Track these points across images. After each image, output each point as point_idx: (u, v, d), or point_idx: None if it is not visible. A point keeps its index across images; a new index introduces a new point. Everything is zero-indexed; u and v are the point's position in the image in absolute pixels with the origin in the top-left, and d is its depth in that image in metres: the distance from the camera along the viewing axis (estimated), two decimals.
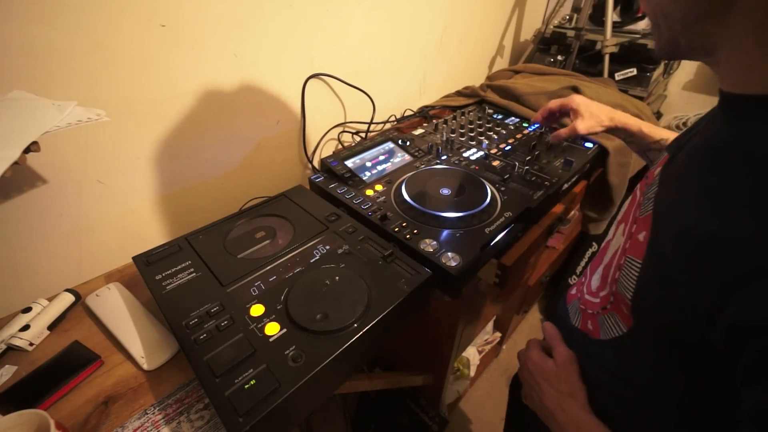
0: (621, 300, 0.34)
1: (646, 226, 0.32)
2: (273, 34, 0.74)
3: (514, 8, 1.41)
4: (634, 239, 0.34)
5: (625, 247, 0.35)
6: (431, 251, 0.57)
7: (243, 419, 0.37)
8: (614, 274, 0.36)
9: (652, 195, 0.34)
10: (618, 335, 0.35)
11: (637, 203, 0.38)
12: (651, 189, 0.35)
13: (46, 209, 0.59)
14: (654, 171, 0.38)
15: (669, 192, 0.32)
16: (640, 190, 0.39)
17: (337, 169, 0.76)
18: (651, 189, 0.35)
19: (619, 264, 0.35)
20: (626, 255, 0.34)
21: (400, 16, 0.98)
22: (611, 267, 0.38)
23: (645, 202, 0.35)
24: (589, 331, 0.41)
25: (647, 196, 0.35)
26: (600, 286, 0.40)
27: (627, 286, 0.33)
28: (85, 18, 0.52)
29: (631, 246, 0.34)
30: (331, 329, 0.45)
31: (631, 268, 0.33)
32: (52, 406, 0.46)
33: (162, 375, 0.50)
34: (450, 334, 0.77)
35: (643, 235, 0.32)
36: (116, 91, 0.59)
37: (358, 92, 0.94)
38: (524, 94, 1.03)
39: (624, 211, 0.42)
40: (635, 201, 0.39)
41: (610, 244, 0.42)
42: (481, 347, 1.31)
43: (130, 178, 0.66)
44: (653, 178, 0.36)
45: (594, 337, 0.40)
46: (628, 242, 0.35)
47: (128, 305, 0.57)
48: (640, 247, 0.32)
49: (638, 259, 0.32)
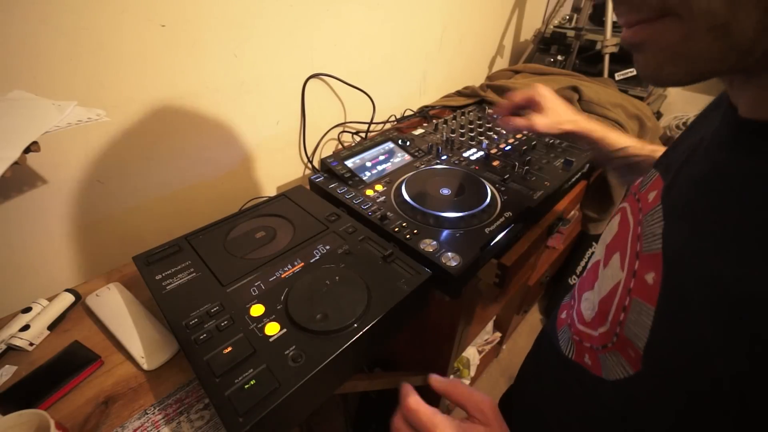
0: (628, 345, 0.30)
1: (654, 266, 0.28)
2: (273, 34, 0.74)
3: (514, 8, 1.41)
4: (640, 279, 0.30)
5: (629, 286, 0.31)
6: (431, 251, 0.57)
7: (243, 419, 0.37)
8: (617, 315, 0.32)
9: (657, 230, 0.29)
10: (623, 377, 0.31)
11: (634, 234, 0.33)
12: (652, 220, 0.30)
13: (46, 209, 0.59)
14: (647, 194, 0.34)
15: (681, 230, 0.27)
16: (633, 216, 0.35)
17: (337, 169, 0.76)
18: (652, 220, 0.30)
19: (623, 304, 0.31)
20: (632, 297, 0.30)
21: (400, 16, 0.98)
22: (611, 304, 0.33)
23: (648, 236, 0.30)
24: (588, 366, 0.36)
25: (649, 228, 0.30)
26: (597, 321, 0.35)
27: (638, 334, 0.28)
28: (86, 18, 0.52)
29: (638, 287, 0.30)
30: (331, 329, 0.45)
31: (642, 314, 0.28)
32: (52, 406, 0.46)
33: (162, 375, 0.50)
34: (450, 334, 0.77)
35: (653, 277, 0.28)
36: (116, 91, 0.59)
37: (358, 92, 0.94)
38: None
39: (615, 236, 0.37)
40: (628, 227, 0.35)
41: (600, 267, 0.38)
42: (481, 347, 1.31)
43: (130, 178, 0.66)
44: (650, 205, 0.32)
45: (594, 374, 0.35)
46: (632, 281, 0.30)
47: (128, 305, 0.57)
48: (650, 291, 0.28)
49: (650, 306, 0.28)
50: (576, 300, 0.41)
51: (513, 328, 1.42)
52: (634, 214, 0.35)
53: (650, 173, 0.36)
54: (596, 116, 0.92)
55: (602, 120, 0.92)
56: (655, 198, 0.32)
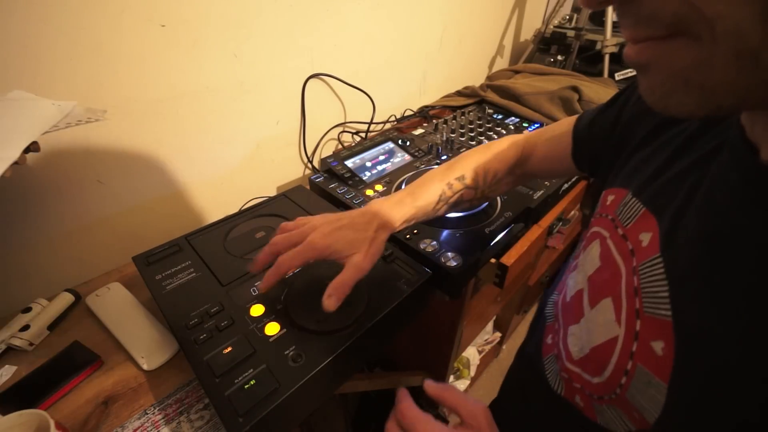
0: (633, 409, 0.27)
1: (663, 335, 0.24)
2: (273, 34, 0.74)
3: (514, 8, 1.41)
4: (645, 345, 0.26)
5: (632, 349, 0.27)
6: (431, 251, 0.57)
7: (243, 419, 0.37)
8: (618, 376, 0.28)
9: (662, 292, 0.25)
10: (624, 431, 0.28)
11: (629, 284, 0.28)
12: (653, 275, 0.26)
13: (46, 209, 0.59)
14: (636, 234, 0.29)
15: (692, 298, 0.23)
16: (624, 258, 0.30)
17: (337, 169, 0.76)
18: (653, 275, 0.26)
19: (624, 367, 0.27)
20: (636, 362, 0.26)
21: (400, 16, 0.98)
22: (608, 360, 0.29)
23: (650, 295, 0.26)
24: (579, 407, 0.33)
25: (651, 287, 0.26)
26: (591, 369, 0.31)
27: (645, 406, 0.25)
28: (86, 18, 0.52)
29: (643, 354, 0.26)
30: (331, 329, 0.45)
31: (651, 386, 0.25)
32: (52, 406, 0.46)
33: (162, 375, 0.50)
34: (450, 334, 0.77)
35: (662, 347, 0.24)
36: (116, 91, 0.59)
37: (358, 92, 0.94)
38: (524, 94, 1.03)
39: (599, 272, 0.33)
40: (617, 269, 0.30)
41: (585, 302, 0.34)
42: (481, 347, 1.31)
43: (130, 178, 0.66)
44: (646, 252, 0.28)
45: (587, 416, 0.32)
46: (635, 344, 0.27)
47: (128, 305, 0.57)
48: (660, 363, 0.24)
49: (662, 381, 0.24)
50: (561, 326, 0.38)
51: (513, 328, 1.42)
52: (623, 255, 0.30)
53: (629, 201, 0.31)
54: None
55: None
56: (652, 245, 0.27)
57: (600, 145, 0.43)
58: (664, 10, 0.17)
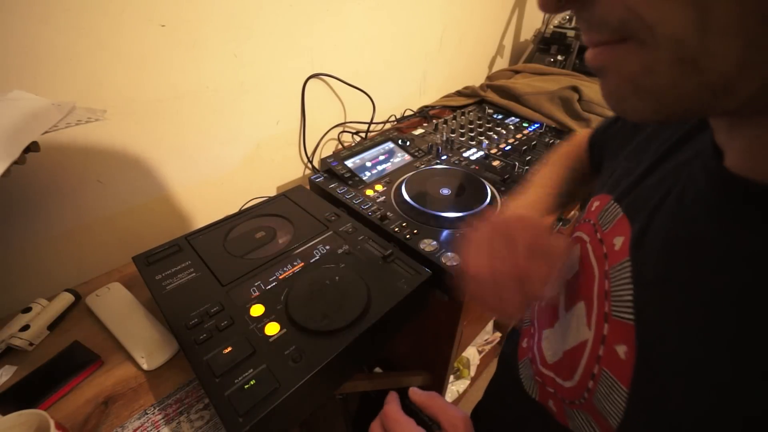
0: (599, 415, 0.26)
1: (626, 339, 0.24)
2: (273, 34, 0.74)
3: (514, 8, 1.41)
4: (610, 349, 0.26)
5: (598, 353, 0.27)
6: (431, 251, 0.57)
7: (243, 419, 0.37)
8: (585, 380, 0.28)
9: (627, 295, 0.25)
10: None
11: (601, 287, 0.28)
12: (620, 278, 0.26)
13: (46, 209, 0.59)
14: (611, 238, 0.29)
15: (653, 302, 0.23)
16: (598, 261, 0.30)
17: (337, 169, 0.76)
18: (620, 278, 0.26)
19: (591, 371, 0.27)
20: (602, 366, 0.26)
21: (400, 16, 0.98)
22: (578, 364, 0.29)
23: (616, 298, 0.26)
24: (553, 412, 0.33)
25: (618, 290, 0.26)
26: (563, 374, 0.31)
27: (609, 411, 0.25)
28: (86, 18, 0.52)
29: (608, 358, 0.26)
30: (331, 329, 0.45)
31: (613, 391, 0.25)
32: (52, 406, 0.46)
33: (162, 375, 0.50)
34: (450, 334, 0.77)
35: (624, 351, 0.24)
36: (116, 91, 0.59)
37: (358, 92, 0.94)
38: (524, 94, 1.03)
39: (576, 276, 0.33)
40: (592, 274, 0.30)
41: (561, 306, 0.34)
42: (481, 347, 1.31)
43: (130, 178, 0.66)
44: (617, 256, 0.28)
45: (560, 421, 0.32)
46: (601, 348, 0.26)
47: (128, 305, 0.57)
48: (622, 367, 0.24)
49: (623, 386, 0.24)
50: (536, 330, 0.38)
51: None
52: (598, 258, 0.30)
53: (611, 206, 0.31)
54: (596, 116, 0.92)
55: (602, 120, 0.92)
56: (623, 248, 0.27)
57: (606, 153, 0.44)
58: (611, 16, 0.17)
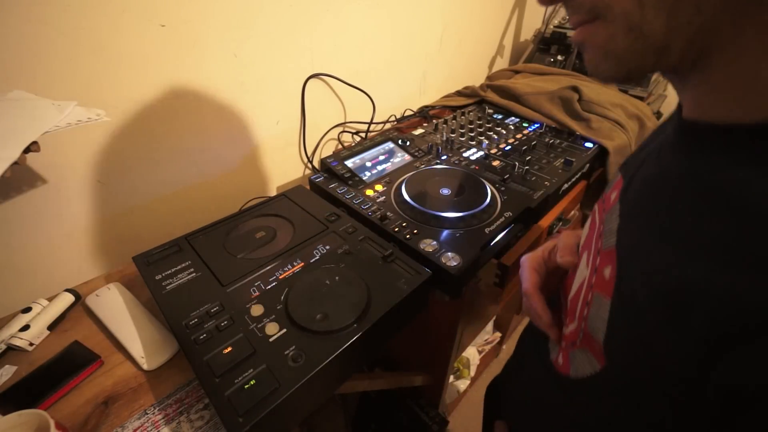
0: (592, 339, 0.31)
1: (610, 261, 0.29)
2: (273, 34, 0.74)
3: (514, 8, 1.41)
4: (599, 274, 0.31)
5: (591, 282, 0.32)
6: (431, 251, 0.57)
7: (243, 419, 0.37)
8: (582, 310, 0.33)
9: (614, 227, 0.30)
10: (591, 374, 0.31)
11: (598, 232, 0.34)
12: (611, 218, 0.32)
13: (46, 209, 0.59)
14: (610, 195, 0.35)
15: (631, 228, 0.29)
16: (599, 216, 0.36)
17: (337, 169, 0.76)
18: (611, 218, 0.32)
19: (586, 299, 0.32)
20: (593, 291, 0.31)
21: (400, 16, 0.98)
22: (578, 300, 0.34)
23: (606, 233, 0.32)
24: (559, 365, 0.37)
25: (608, 226, 0.32)
26: (568, 319, 0.36)
27: (597, 327, 0.29)
28: (86, 18, 0.52)
29: (598, 282, 0.31)
30: (331, 329, 0.45)
31: (601, 307, 0.29)
32: (52, 406, 0.46)
33: (162, 375, 0.50)
34: (450, 334, 0.77)
35: (609, 271, 0.29)
36: (116, 91, 0.59)
37: (358, 92, 0.94)
38: (524, 94, 1.03)
39: (586, 237, 0.38)
40: (595, 227, 0.36)
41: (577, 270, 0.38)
42: (481, 347, 1.31)
43: (130, 178, 0.66)
44: (611, 204, 0.33)
45: (563, 373, 0.36)
46: (594, 277, 0.32)
47: (128, 305, 0.57)
48: (606, 285, 0.29)
49: (606, 298, 0.29)
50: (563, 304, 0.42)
51: (513, 328, 1.42)
52: (599, 214, 0.36)
53: (616, 176, 0.38)
54: (596, 116, 0.92)
55: (602, 120, 0.92)
56: (615, 198, 0.33)
57: None
58: (585, 1, 0.24)
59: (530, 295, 0.42)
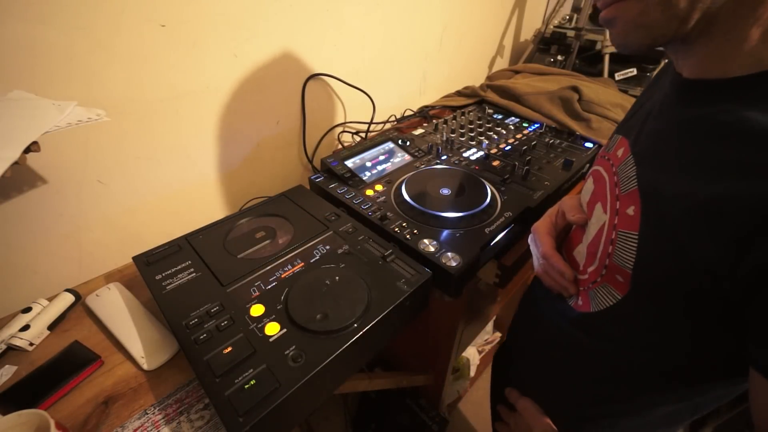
0: (617, 271, 0.36)
1: (633, 201, 0.35)
2: (273, 34, 0.74)
3: (514, 8, 1.41)
4: (622, 215, 0.36)
5: (614, 223, 0.37)
6: (431, 251, 0.57)
7: (243, 419, 0.37)
8: (606, 249, 0.38)
9: (631, 174, 0.36)
10: (611, 304, 0.38)
11: (611, 183, 0.40)
12: (626, 168, 0.38)
13: (46, 209, 0.59)
14: (615, 153, 0.41)
15: (650, 169, 0.35)
16: (608, 172, 0.41)
17: (337, 169, 0.76)
18: (626, 168, 0.38)
19: (610, 239, 0.38)
20: (618, 230, 0.36)
21: (400, 16, 0.98)
22: (599, 243, 0.40)
23: (623, 179, 0.37)
24: (579, 306, 0.43)
25: (624, 174, 0.37)
26: (587, 263, 0.42)
27: (625, 257, 0.35)
28: (85, 18, 0.52)
29: (622, 221, 0.36)
30: (331, 329, 0.45)
31: (627, 240, 0.35)
32: (52, 406, 0.46)
33: (162, 375, 0.50)
34: (450, 334, 0.77)
35: (633, 209, 0.35)
36: (116, 91, 0.59)
37: (358, 92, 0.94)
38: (524, 94, 1.03)
39: (592, 192, 0.44)
40: (604, 181, 0.41)
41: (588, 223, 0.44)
42: (481, 347, 1.31)
43: (130, 178, 0.66)
44: (621, 158, 0.39)
45: (583, 311, 0.42)
46: (616, 218, 0.37)
47: (128, 305, 0.57)
48: (632, 221, 0.34)
49: (634, 232, 0.34)
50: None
51: None
52: (607, 170, 0.42)
53: (613, 138, 0.44)
54: (596, 116, 0.92)
55: (602, 120, 0.92)
56: (624, 152, 0.39)
57: None
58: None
59: (550, 256, 0.46)
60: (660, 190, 0.32)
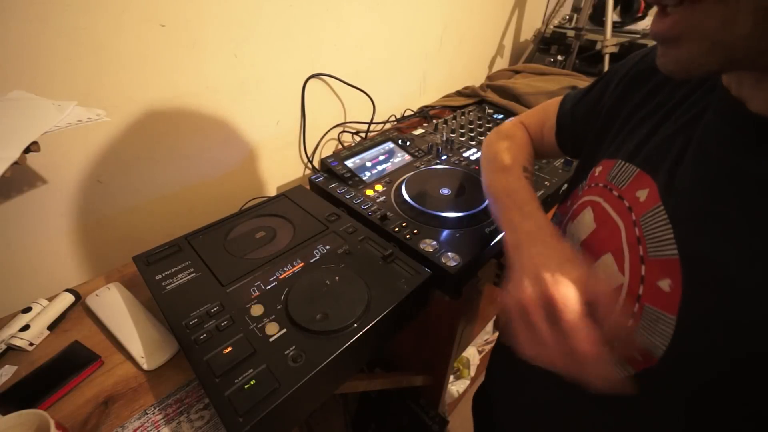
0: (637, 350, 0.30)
1: (669, 273, 0.27)
2: (273, 34, 0.74)
3: (514, 8, 1.41)
4: (651, 286, 0.29)
5: (638, 293, 0.30)
6: (431, 251, 0.57)
7: (243, 419, 0.37)
8: None
9: (666, 234, 0.28)
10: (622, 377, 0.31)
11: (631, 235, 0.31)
12: (655, 223, 0.29)
13: (46, 209, 0.59)
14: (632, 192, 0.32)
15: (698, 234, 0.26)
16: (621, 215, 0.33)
17: (337, 169, 0.76)
18: (655, 223, 0.29)
19: (630, 311, 0.30)
20: (644, 304, 0.29)
21: (400, 16, 0.98)
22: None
23: (653, 239, 0.29)
24: None
25: (654, 232, 0.29)
26: None
27: (655, 342, 0.28)
28: (86, 18, 0.52)
29: (650, 295, 0.29)
30: (331, 329, 0.45)
31: (659, 322, 0.28)
32: (52, 406, 0.46)
33: (162, 375, 0.50)
34: (450, 334, 0.77)
35: (669, 284, 0.27)
36: (116, 91, 0.59)
37: (358, 92, 0.94)
38: (524, 94, 1.03)
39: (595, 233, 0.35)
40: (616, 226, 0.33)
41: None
42: (481, 347, 1.31)
43: (130, 178, 0.66)
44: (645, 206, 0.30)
45: None
46: (641, 288, 0.29)
47: (128, 305, 0.57)
48: (667, 299, 0.27)
49: (669, 315, 0.27)
50: None
51: None
52: (621, 213, 0.33)
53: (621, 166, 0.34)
54: None
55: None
56: (651, 199, 0.30)
57: (581, 130, 0.45)
58: None
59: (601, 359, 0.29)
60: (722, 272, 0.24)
